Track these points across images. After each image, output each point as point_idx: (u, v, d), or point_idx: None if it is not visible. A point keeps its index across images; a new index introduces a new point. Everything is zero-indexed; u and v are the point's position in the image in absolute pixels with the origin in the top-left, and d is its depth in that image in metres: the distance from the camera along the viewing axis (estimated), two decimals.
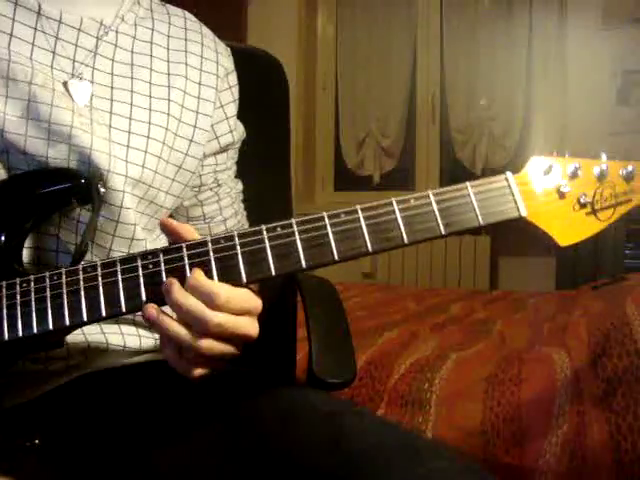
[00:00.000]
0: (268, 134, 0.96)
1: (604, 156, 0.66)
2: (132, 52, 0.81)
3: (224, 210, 0.93)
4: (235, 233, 0.63)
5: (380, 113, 3.78)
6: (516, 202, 0.64)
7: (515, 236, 3.15)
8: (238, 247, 0.62)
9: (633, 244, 3.01)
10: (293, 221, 0.63)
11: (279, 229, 0.63)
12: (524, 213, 0.64)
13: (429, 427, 1.36)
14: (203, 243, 0.63)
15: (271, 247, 0.62)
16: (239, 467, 0.66)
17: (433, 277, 3.52)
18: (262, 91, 0.97)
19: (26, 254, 0.73)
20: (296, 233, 0.63)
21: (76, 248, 0.72)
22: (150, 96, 0.80)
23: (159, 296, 0.62)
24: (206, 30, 0.92)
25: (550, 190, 0.65)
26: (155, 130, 0.80)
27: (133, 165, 0.77)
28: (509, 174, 0.65)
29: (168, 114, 0.81)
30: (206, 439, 0.69)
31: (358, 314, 2.11)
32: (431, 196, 0.63)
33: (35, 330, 0.62)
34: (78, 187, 0.72)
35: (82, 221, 0.75)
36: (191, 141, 0.84)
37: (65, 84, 0.76)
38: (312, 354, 0.98)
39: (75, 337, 0.72)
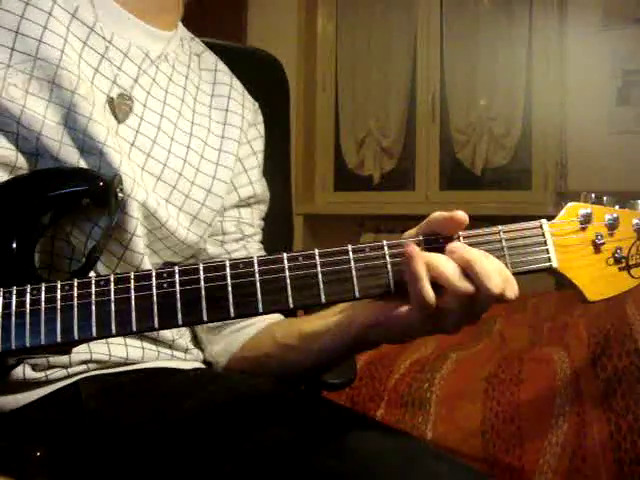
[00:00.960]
0: (268, 134, 0.96)
1: None
2: (166, 91, 0.82)
3: None
4: (255, 259, 0.61)
5: (380, 113, 3.78)
6: (548, 252, 0.62)
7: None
8: (257, 274, 0.60)
9: None
10: (316, 251, 0.61)
11: (300, 259, 0.60)
12: (555, 265, 0.62)
13: (429, 427, 1.37)
14: (221, 267, 0.60)
15: (291, 278, 0.60)
16: (240, 470, 0.66)
17: None
18: (262, 91, 0.97)
19: (37, 258, 0.72)
20: (318, 265, 0.60)
21: (89, 253, 0.71)
22: (172, 138, 0.81)
23: (171, 318, 0.60)
24: (236, 83, 0.93)
25: (585, 242, 0.62)
26: (167, 173, 0.79)
27: (150, 197, 0.76)
28: (544, 222, 0.63)
29: (185, 160, 0.81)
30: (210, 446, 0.69)
31: None
32: (462, 239, 0.62)
33: (43, 342, 0.60)
34: (96, 189, 0.71)
35: (95, 229, 0.74)
36: (209, 192, 0.84)
37: (111, 101, 0.76)
38: None
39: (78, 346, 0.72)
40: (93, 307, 0.60)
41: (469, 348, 1.67)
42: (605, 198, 0.64)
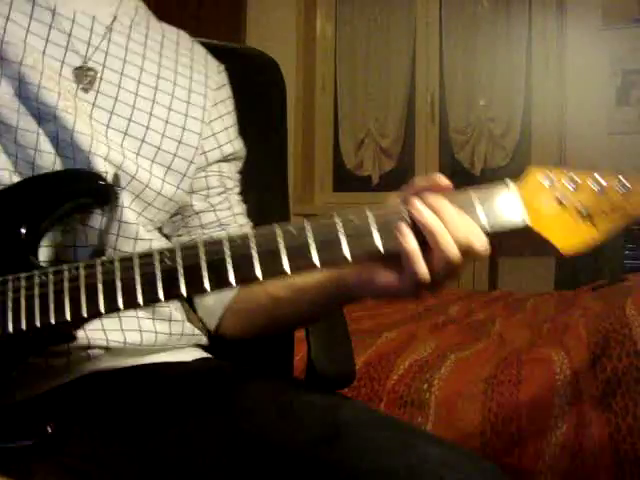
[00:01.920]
0: (266, 135, 0.96)
1: (601, 168, 0.67)
2: (126, 49, 0.84)
3: (238, 217, 0.93)
4: (250, 233, 0.64)
5: (379, 113, 3.78)
6: (520, 211, 0.64)
7: (514, 237, 3.14)
8: (253, 246, 0.63)
9: (633, 245, 3.01)
10: (305, 221, 0.64)
11: (291, 229, 0.63)
12: (528, 222, 0.64)
13: (428, 428, 1.36)
14: (219, 242, 0.63)
15: (285, 247, 0.63)
16: (238, 460, 0.67)
17: None
18: (258, 92, 0.97)
19: (42, 252, 0.75)
20: (308, 233, 0.63)
21: (94, 249, 0.74)
22: (136, 94, 0.83)
23: (175, 288, 0.63)
24: (198, 47, 0.95)
25: (550, 200, 0.65)
26: (134, 128, 0.81)
27: (113, 151, 0.78)
28: (509, 182, 0.65)
29: (151, 114, 0.83)
30: (206, 434, 0.70)
31: (357, 314, 2.11)
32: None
33: (52, 320, 0.62)
34: (99, 189, 0.74)
35: (89, 223, 0.77)
36: (180, 142, 0.85)
37: (79, 69, 0.79)
38: (311, 355, 0.98)
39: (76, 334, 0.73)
40: (100, 285, 0.63)
41: (468, 349, 1.67)
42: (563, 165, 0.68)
